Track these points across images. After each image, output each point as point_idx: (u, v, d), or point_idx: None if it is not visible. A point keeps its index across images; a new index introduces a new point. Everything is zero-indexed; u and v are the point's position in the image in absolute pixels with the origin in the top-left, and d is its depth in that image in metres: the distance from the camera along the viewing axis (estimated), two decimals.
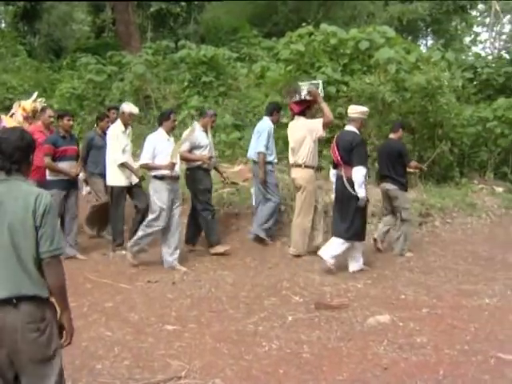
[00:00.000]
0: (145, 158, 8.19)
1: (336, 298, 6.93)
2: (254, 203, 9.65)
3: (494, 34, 46.32)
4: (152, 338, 5.69)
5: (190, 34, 23.47)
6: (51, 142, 8.47)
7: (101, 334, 5.81)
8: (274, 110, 9.57)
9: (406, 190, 9.25)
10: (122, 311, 6.49)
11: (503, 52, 29.70)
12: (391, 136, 9.31)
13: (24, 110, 9.59)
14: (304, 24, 15.29)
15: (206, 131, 9.02)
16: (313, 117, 9.07)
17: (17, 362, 3.25)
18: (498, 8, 41.93)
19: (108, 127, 9.20)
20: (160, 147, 8.14)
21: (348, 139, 7.87)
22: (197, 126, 8.86)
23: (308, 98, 8.57)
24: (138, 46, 20.47)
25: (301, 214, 8.79)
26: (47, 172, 8.52)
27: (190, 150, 8.76)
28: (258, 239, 9.41)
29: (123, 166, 8.84)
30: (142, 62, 16.56)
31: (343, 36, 13.87)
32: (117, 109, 9.62)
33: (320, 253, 7.99)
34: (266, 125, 9.40)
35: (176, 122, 8.77)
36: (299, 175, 8.73)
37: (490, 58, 26.65)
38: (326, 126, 8.68)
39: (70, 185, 8.59)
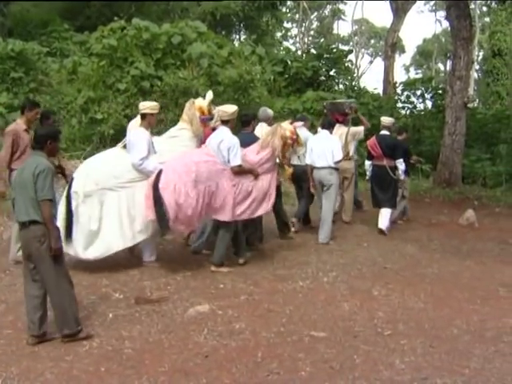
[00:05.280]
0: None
1: (156, 292, 6.98)
2: None
3: (303, 29, 48.56)
4: None
5: None
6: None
7: None
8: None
9: (408, 176, 12.07)
10: None
11: (311, 47, 31.23)
12: (398, 137, 11.47)
13: (202, 111, 8.32)
14: (116, 18, 15.16)
15: None
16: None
17: (31, 258, 5.48)
18: (305, 5, 44.01)
19: None
20: None
21: (392, 140, 10.94)
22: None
23: (348, 111, 11.27)
24: None
25: (350, 190, 11.43)
26: None
27: None
28: None
29: None
30: None
31: (156, 31, 13.93)
32: None
33: (380, 226, 10.66)
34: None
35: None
36: (351, 165, 11.31)
37: (299, 52, 27.91)
38: (364, 131, 11.59)
39: None
